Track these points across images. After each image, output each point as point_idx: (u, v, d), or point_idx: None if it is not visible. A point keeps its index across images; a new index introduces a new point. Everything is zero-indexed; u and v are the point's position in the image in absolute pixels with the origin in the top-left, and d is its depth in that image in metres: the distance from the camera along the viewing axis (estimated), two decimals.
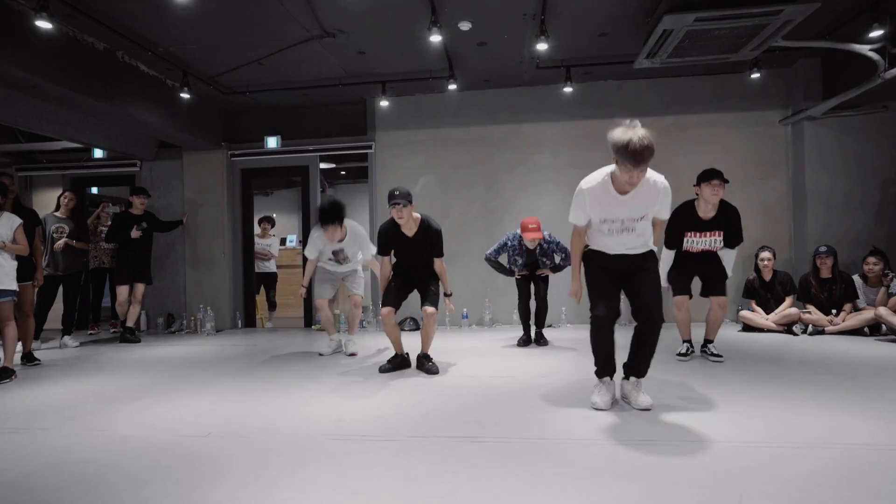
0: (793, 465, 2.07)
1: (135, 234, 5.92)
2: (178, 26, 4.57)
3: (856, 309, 5.16)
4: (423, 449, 2.39)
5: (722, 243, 3.91)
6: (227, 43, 4.95)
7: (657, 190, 2.69)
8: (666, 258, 4.00)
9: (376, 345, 5.25)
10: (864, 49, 4.43)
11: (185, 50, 5.08)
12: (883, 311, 4.69)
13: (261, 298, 7.39)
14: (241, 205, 7.16)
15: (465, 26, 4.72)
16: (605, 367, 2.97)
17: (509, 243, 5.02)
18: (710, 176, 3.79)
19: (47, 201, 7.41)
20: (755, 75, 5.59)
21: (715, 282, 3.98)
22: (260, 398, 3.36)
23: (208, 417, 2.98)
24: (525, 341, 5.06)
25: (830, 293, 5.22)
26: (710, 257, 4.00)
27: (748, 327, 5.46)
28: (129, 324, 5.95)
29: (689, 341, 4.15)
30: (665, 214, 2.83)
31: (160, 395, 3.50)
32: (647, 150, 2.43)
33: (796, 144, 6.06)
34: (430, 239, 3.90)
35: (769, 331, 5.32)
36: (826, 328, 5.09)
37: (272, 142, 6.84)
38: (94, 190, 8.38)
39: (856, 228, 5.79)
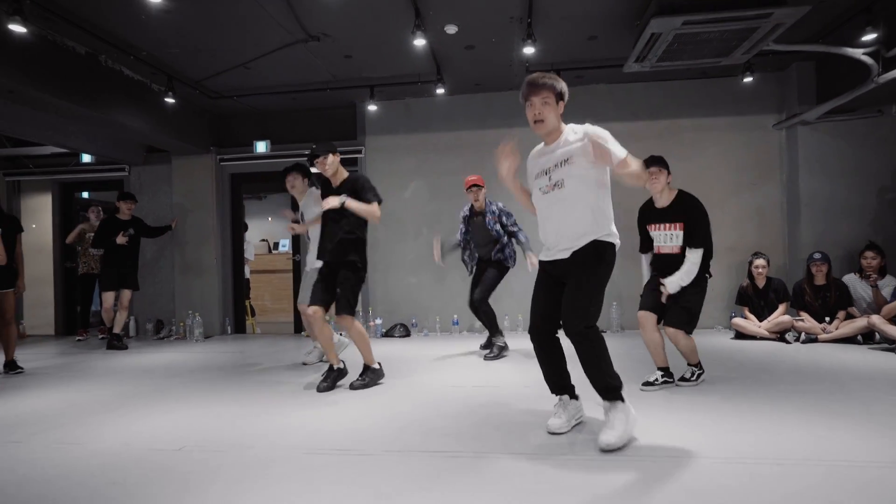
0: (774, 484, 2.00)
1: (121, 239, 5.86)
2: (160, 30, 4.51)
3: (849, 316, 5.10)
4: (397, 464, 2.33)
5: (681, 240, 3.35)
6: (212, 47, 4.90)
7: (577, 131, 2.46)
8: (644, 265, 3.68)
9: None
10: (858, 53, 4.37)
11: (168, 54, 5.02)
12: (876, 320, 4.63)
13: None
14: (230, 210, 7.10)
15: (451, 30, 4.66)
16: (549, 384, 2.74)
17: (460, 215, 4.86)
18: (646, 164, 3.39)
19: (35, 206, 7.38)
20: (748, 79, 5.53)
21: (671, 309, 3.39)
22: (238, 409, 3.30)
23: (184, 430, 2.91)
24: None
25: (825, 300, 5.16)
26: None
27: (741, 335, 5.39)
28: (116, 330, 5.89)
29: (666, 369, 3.48)
30: (619, 151, 2.36)
31: (138, 406, 3.44)
32: (535, 78, 2.44)
33: (790, 149, 6.00)
34: (353, 185, 3.57)
35: (762, 338, 5.25)
36: (819, 336, 5.02)
37: (261, 146, 6.79)
38: (85, 195, 8.34)
39: (851, 235, 5.72)
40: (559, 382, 2.71)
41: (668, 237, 3.42)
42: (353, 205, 3.49)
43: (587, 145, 2.39)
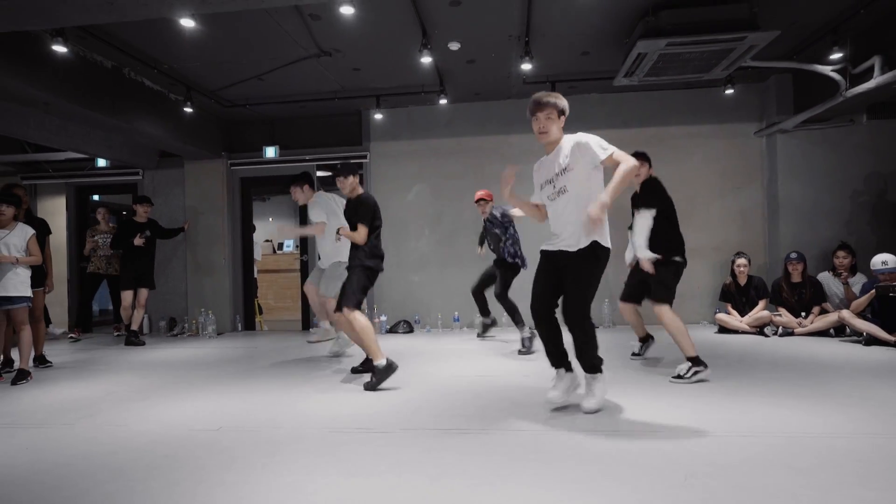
0: (736, 451, 2.36)
1: (138, 241, 6.16)
2: (182, 46, 4.83)
3: (823, 312, 5.47)
4: (413, 439, 2.66)
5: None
6: (229, 60, 5.22)
7: (570, 141, 2.85)
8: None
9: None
10: (827, 70, 4.75)
11: (188, 67, 5.34)
12: (846, 315, 5.00)
13: None
14: (240, 212, 7.41)
15: (454, 46, 5.01)
16: (550, 358, 3.11)
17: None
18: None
19: (52, 209, 7.67)
20: (729, 91, 5.92)
21: (652, 288, 3.87)
22: (263, 396, 3.63)
23: (217, 414, 3.24)
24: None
25: (800, 297, 5.54)
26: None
27: (723, 329, 5.76)
28: (134, 327, 6.18)
29: (644, 336, 4.35)
30: (600, 153, 2.75)
31: (169, 394, 3.76)
32: (540, 97, 2.85)
33: (770, 155, 6.38)
34: (351, 208, 3.90)
35: (743, 332, 5.62)
36: (795, 330, 5.40)
37: (271, 151, 7.10)
38: (96, 197, 8.62)
39: (826, 236, 6.12)
40: (557, 356, 3.09)
41: (635, 220, 3.92)
42: (343, 233, 3.91)
43: (577, 153, 2.82)
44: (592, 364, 2.98)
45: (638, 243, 3.74)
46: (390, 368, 3.71)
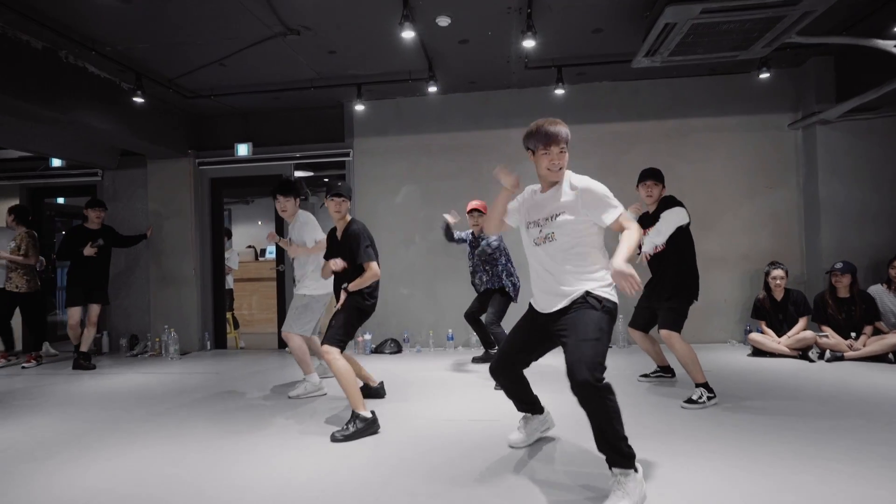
0: None
1: (89, 251, 5.41)
2: (124, 23, 4.09)
3: (877, 332, 4.69)
4: None
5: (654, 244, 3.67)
6: (182, 41, 4.48)
7: (574, 185, 2.32)
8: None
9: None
10: (889, 45, 3.97)
11: (135, 49, 4.59)
12: None
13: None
14: (210, 217, 6.66)
15: (443, 22, 4.24)
16: (516, 404, 2.83)
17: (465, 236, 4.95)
18: (643, 177, 3.74)
19: (1, 212, 6.92)
20: (764, 75, 5.13)
21: (662, 314, 3.66)
22: (198, 450, 2.87)
23: (127, 485, 2.48)
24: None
25: (850, 314, 4.75)
26: (661, 279, 3.68)
27: (758, 351, 4.98)
28: (83, 349, 5.43)
29: (665, 367, 4.19)
30: (609, 216, 2.24)
31: (84, 448, 3.01)
32: (553, 128, 2.32)
33: (808, 150, 5.60)
34: (349, 243, 3.27)
35: (781, 355, 4.84)
36: (845, 353, 4.61)
37: (243, 149, 6.36)
38: (61, 200, 7.93)
39: (877, 242, 5.32)
40: (521, 405, 2.81)
41: (647, 243, 3.68)
42: (354, 287, 3.24)
43: (578, 202, 2.29)
44: (620, 453, 2.06)
45: (661, 234, 3.57)
46: (371, 426, 3.07)
